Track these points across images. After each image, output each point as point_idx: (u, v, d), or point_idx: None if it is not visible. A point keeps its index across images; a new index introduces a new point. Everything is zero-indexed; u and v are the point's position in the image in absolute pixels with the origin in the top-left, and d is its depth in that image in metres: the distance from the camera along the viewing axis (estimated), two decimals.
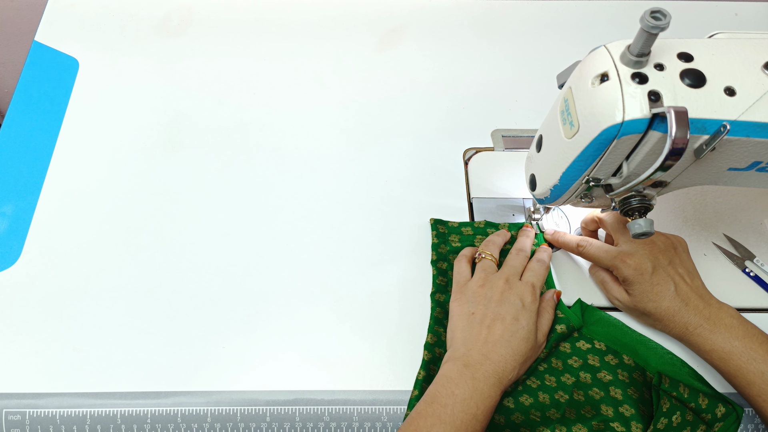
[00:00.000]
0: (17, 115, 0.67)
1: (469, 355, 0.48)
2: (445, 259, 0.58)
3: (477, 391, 0.45)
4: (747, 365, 0.47)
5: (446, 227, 0.60)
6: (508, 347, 0.48)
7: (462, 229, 0.60)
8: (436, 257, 0.58)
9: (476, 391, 0.45)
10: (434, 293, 0.56)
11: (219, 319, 0.54)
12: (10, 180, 0.62)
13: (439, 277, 0.57)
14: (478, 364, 0.47)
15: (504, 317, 0.49)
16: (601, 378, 0.51)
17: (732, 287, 0.57)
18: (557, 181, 0.47)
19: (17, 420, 0.49)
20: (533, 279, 0.53)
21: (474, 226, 0.60)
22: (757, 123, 0.39)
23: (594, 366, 0.52)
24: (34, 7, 1.02)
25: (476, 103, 0.70)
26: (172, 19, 0.75)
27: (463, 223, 0.60)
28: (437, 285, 0.57)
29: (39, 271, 0.56)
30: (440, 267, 0.57)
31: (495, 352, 0.47)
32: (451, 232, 0.60)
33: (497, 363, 0.47)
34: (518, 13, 0.78)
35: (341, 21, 0.76)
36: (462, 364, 0.47)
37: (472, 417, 0.45)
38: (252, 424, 0.50)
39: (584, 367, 0.52)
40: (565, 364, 0.52)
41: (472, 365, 0.47)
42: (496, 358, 0.47)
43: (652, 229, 0.46)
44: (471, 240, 0.59)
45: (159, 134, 0.66)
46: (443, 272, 0.57)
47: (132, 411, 0.50)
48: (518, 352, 0.48)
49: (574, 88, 0.43)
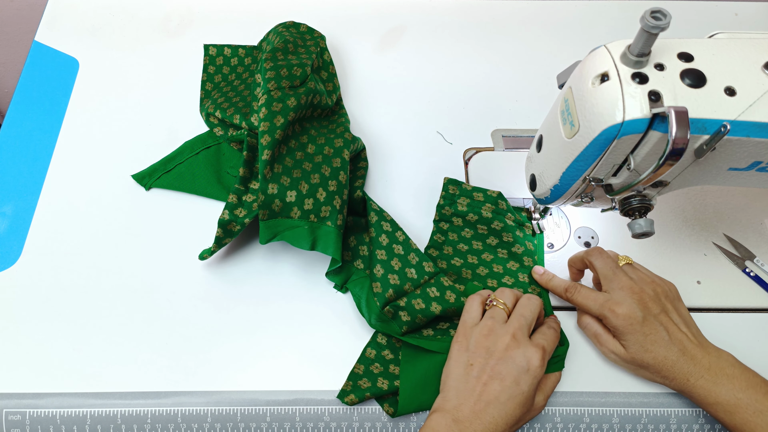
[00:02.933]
0: (17, 115, 0.67)
1: (459, 409, 0.45)
2: (448, 220, 0.60)
3: None
4: (754, 418, 0.45)
5: (458, 188, 0.61)
6: (501, 410, 0.45)
7: (474, 194, 0.60)
8: (438, 218, 0.60)
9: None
10: (428, 248, 0.59)
11: (219, 319, 0.54)
12: (10, 180, 0.62)
13: (437, 234, 0.59)
14: (467, 421, 0.44)
15: (504, 377, 0.46)
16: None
17: (732, 287, 0.57)
18: (557, 181, 0.47)
19: (17, 420, 0.49)
20: (544, 343, 0.49)
21: (486, 193, 0.60)
22: (757, 123, 0.39)
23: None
24: (34, 7, 1.02)
25: (476, 103, 0.70)
26: (172, 19, 0.75)
27: (476, 188, 0.61)
28: (433, 240, 0.59)
29: (39, 271, 0.56)
30: (441, 227, 0.60)
31: (487, 412, 0.45)
32: (462, 194, 0.61)
33: (487, 424, 0.44)
34: (518, 13, 0.78)
35: (341, 21, 0.76)
36: (451, 419, 0.45)
37: None
38: (252, 424, 0.50)
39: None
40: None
41: (462, 422, 0.44)
42: (487, 419, 0.44)
43: (652, 228, 0.46)
44: (479, 207, 0.59)
45: (159, 134, 0.65)
46: (443, 231, 0.59)
47: (132, 411, 0.50)
48: (511, 416, 0.45)
49: (574, 88, 0.43)
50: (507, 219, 0.59)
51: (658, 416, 0.51)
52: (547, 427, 0.51)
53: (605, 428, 0.51)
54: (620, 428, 0.51)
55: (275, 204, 0.54)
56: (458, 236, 0.59)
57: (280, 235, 0.54)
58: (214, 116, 0.65)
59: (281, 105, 0.57)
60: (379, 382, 0.51)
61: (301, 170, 0.56)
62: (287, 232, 0.54)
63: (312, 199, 0.55)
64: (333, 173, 0.56)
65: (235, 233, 0.55)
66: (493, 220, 0.59)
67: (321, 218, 0.54)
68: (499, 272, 0.57)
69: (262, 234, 0.54)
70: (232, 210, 0.56)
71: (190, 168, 0.62)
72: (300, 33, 0.68)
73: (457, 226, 0.60)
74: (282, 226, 0.54)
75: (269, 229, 0.54)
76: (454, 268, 0.58)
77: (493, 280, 0.57)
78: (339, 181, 0.56)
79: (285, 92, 0.58)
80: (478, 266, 0.58)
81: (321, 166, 0.56)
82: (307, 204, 0.54)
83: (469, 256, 0.58)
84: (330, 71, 0.69)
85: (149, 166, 0.62)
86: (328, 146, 0.58)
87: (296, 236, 0.54)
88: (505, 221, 0.59)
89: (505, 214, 0.59)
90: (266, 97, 0.57)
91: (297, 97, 0.58)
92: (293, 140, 0.57)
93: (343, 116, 0.65)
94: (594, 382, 0.52)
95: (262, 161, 0.54)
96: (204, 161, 0.63)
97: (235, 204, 0.56)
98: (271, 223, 0.54)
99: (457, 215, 0.59)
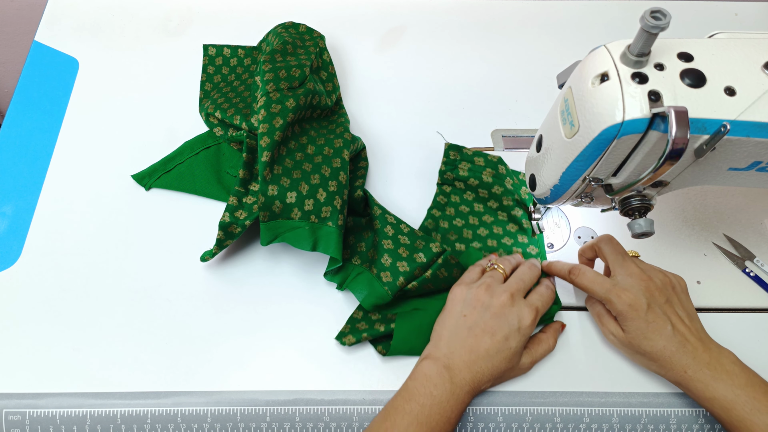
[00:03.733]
0: (17, 115, 0.67)
1: (450, 358, 0.47)
2: (450, 183, 0.62)
3: (454, 395, 0.46)
4: (751, 416, 0.44)
5: (459, 153, 0.63)
6: (489, 363, 0.47)
7: (474, 159, 0.62)
8: (441, 181, 0.62)
9: (453, 395, 0.45)
10: (431, 209, 0.61)
11: (219, 319, 0.54)
12: (10, 180, 0.62)
13: (440, 195, 0.61)
14: (457, 369, 0.47)
15: (495, 333, 0.48)
16: None
17: (732, 287, 0.57)
18: (557, 181, 0.47)
19: (17, 420, 0.49)
20: (538, 303, 0.51)
21: (487, 158, 0.62)
22: (757, 123, 0.39)
23: None
24: (34, 7, 1.02)
25: (476, 103, 0.70)
26: (172, 19, 0.75)
27: (477, 153, 0.62)
28: (435, 202, 0.61)
29: (39, 271, 0.56)
30: (443, 189, 0.62)
31: (476, 364, 0.47)
32: (463, 159, 0.62)
33: (476, 374, 0.47)
34: (518, 13, 0.78)
35: (341, 21, 0.76)
36: (442, 365, 0.47)
37: (446, 420, 0.45)
38: (252, 424, 0.50)
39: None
40: None
41: (452, 369, 0.47)
42: (475, 369, 0.47)
43: (652, 228, 0.46)
44: (480, 171, 0.61)
45: (159, 134, 0.65)
46: (446, 194, 0.61)
47: (132, 411, 0.50)
48: (497, 369, 0.48)
49: (574, 88, 0.43)
50: (506, 183, 0.61)
51: (658, 416, 0.51)
52: (547, 427, 0.51)
53: (605, 428, 0.51)
54: (620, 428, 0.51)
55: (276, 205, 0.54)
56: (460, 198, 0.62)
57: (281, 236, 0.54)
58: (213, 116, 0.65)
59: (280, 106, 0.57)
60: (377, 325, 0.53)
61: (301, 171, 0.56)
62: (288, 233, 0.54)
63: (312, 199, 0.55)
64: (333, 173, 0.56)
65: (236, 235, 0.55)
66: (493, 185, 0.61)
67: (322, 219, 0.54)
68: (498, 233, 0.59)
69: (263, 235, 0.54)
70: (233, 212, 0.56)
71: (190, 168, 0.62)
72: (299, 33, 0.68)
73: (459, 189, 0.62)
74: (283, 228, 0.54)
75: (270, 230, 0.54)
76: (456, 228, 0.60)
77: (493, 240, 0.59)
78: (339, 182, 0.56)
79: (284, 94, 0.58)
80: (479, 227, 0.60)
81: (321, 166, 0.56)
82: (307, 205, 0.54)
83: (471, 218, 0.60)
84: (329, 71, 0.69)
85: (149, 167, 0.62)
86: (328, 147, 0.58)
87: (297, 237, 0.54)
88: (505, 185, 0.61)
89: (505, 178, 0.61)
90: (265, 98, 0.58)
91: (296, 98, 0.58)
92: (293, 141, 0.57)
93: (342, 116, 0.65)
94: (594, 382, 0.52)
95: (261, 163, 0.54)
96: (204, 161, 0.63)
97: (235, 206, 0.56)
98: (271, 224, 0.54)
99: (459, 179, 0.61)
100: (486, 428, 0.51)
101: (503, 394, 0.51)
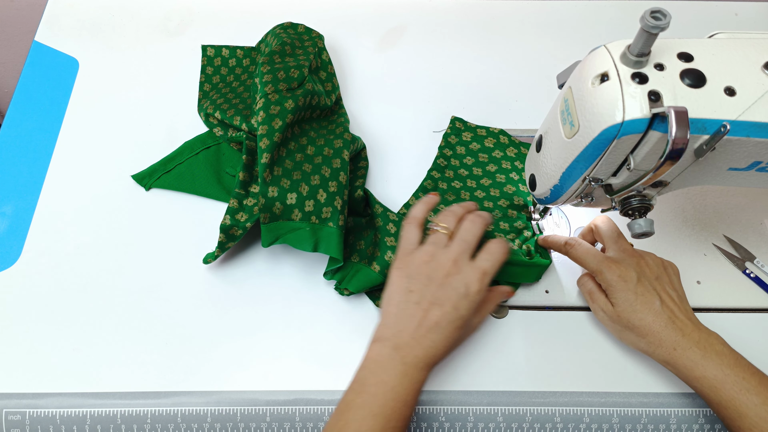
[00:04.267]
0: (17, 115, 0.67)
1: (399, 336, 0.45)
2: (452, 147, 0.65)
3: (407, 376, 0.44)
4: (739, 396, 0.44)
5: (464, 124, 0.67)
6: (441, 334, 0.45)
7: (477, 130, 0.66)
8: (444, 144, 0.65)
9: (406, 376, 0.44)
10: (431, 170, 0.63)
11: (219, 320, 0.54)
12: (10, 180, 0.62)
13: (440, 158, 0.64)
14: (408, 347, 0.45)
15: (443, 303, 0.46)
16: None
17: (732, 288, 0.57)
18: (557, 181, 0.47)
19: (17, 420, 0.49)
20: (487, 265, 0.48)
21: (490, 129, 0.66)
22: (757, 123, 0.39)
23: None
24: (34, 7, 1.02)
25: (476, 103, 0.69)
26: (172, 19, 0.75)
27: (480, 126, 0.67)
28: (435, 164, 0.64)
29: (39, 271, 0.56)
30: (444, 153, 0.64)
31: (427, 337, 0.45)
32: (467, 130, 0.66)
33: (428, 348, 0.45)
34: (518, 13, 0.78)
35: (341, 21, 0.76)
36: (391, 346, 0.45)
37: (403, 404, 0.43)
38: (252, 424, 0.50)
39: None
40: None
41: (402, 348, 0.45)
42: (427, 344, 0.45)
43: (652, 228, 0.46)
44: (482, 140, 0.65)
45: (159, 134, 0.65)
46: (446, 157, 0.64)
47: (132, 411, 0.50)
48: (450, 338, 0.46)
49: (574, 88, 0.43)
50: (508, 152, 0.64)
51: (658, 416, 0.51)
52: (547, 427, 0.51)
53: (605, 428, 0.51)
54: (620, 428, 0.51)
55: (276, 207, 0.54)
56: (460, 162, 0.64)
57: (283, 237, 0.54)
58: (213, 116, 0.65)
59: (279, 108, 0.57)
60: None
61: (301, 172, 0.56)
62: (289, 234, 0.54)
63: (313, 200, 0.55)
64: (333, 174, 0.56)
65: (238, 237, 0.55)
66: (494, 150, 0.65)
67: (323, 219, 0.54)
68: (495, 195, 0.61)
69: (264, 237, 0.54)
70: (234, 214, 0.56)
71: (189, 168, 0.62)
72: (298, 34, 0.68)
73: (459, 154, 0.65)
74: (284, 229, 0.54)
75: (271, 232, 0.54)
76: (454, 189, 0.62)
77: (489, 202, 0.61)
78: (339, 182, 0.56)
79: (282, 95, 0.58)
80: (476, 189, 0.62)
81: (321, 167, 0.56)
82: (308, 206, 0.54)
83: (468, 180, 0.63)
84: (329, 71, 0.69)
85: (149, 167, 0.62)
86: (328, 147, 0.58)
87: (298, 238, 0.54)
88: (505, 152, 0.64)
89: (507, 147, 0.65)
90: (264, 100, 0.58)
91: (294, 99, 0.58)
92: (293, 142, 0.58)
93: (342, 116, 0.65)
94: (594, 382, 0.52)
95: (261, 164, 0.54)
96: (204, 161, 0.63)
97: (236, 208, 0.56)
98: (272, 226, 0.54)
99: (461, 144, 0.65)
100: (486, 428, 0.51)
101: (503, 394, 0.51)
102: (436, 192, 0.59)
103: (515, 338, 0.54)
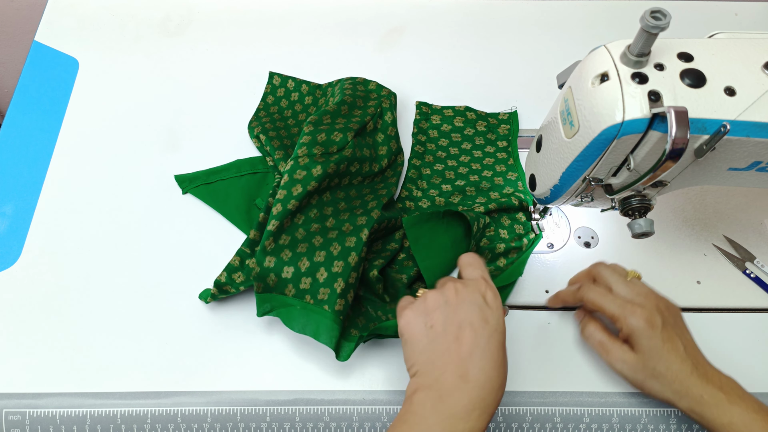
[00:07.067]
0: (17, 115, 0.67)
1: (442, 380, 0.39)
2: (425, 132, 0.66)
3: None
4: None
5: (429, 108, 0.68)
6: (486, 357, 0.40)
7: (444, 111, 0.68)
8: (416, 131, 0.66)
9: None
10: (411, 159, 0.64)
11: (219, 319, 0.54)
12: (10, 180, 0.62)
13: (417, 145, 0.65)
14: (455, 390, 0.39)
15: (471, 321, 0.41)
16: None
17: (732, 288, 0.57)
18: (557, 181, 0.47)
19: (17, 420, 0.49)
20: (477, 273, 0.45)
21: (455, 108, 0.68)
22: (757, 123, 0.39)
23: None
24: (34, 7, 1.02)
25: (476, 104, 0.70)
26: (172, 19, 0.75)
27: (445, 106, 0.68)
28: (414, 152, 0.65)
29: (39, 271, 0.56)
30: (419, 139, 0.66)
31: (473, 366, 0.39)
32: (434, 113, 0.68)
33: (478, 382, 0.39)
34: (518, 13, 0.78)
35: (341, 21, 0.76)
36: (436, 395, 0.39)
37: None
38: (252, 424, 0.50)
39: None
40: None
41: (448, 395, 0.39)
42: (475, 375, 0.39)
43: (652, 228, 0.46)
44: (451, 121, 0.67)
45: (159, 134, 0.65)
46: (422, 143, 0.66)
47: (132, 411, 0.50)
48: (499, 363, 0.40)
49: (574, 88, 0.43)
50: (478, 126, 0.67)
51: (657, 416, 0.51)
52: (547, 427, 0.51)
53: (605, 428, 0.51)
54: (620, 428, 0.51)
55: (270, 278, 0.51)
56: (436, 146, 0.66)
57: (276, 310, 0.51)
58: (257, 138, 0.63)
59: (305, 173, 0.55)
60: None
61: (309, 245, 0.52)
62: (281, 309, 0.51)
63: (310, 278, 0.51)
64: (342, 253, 0.51)
65: (231, 293, 0.54)
66: (464, 128, 0.67)
67: (318, 300, 0.50)
68: (477, 169, 0.64)
69: (258, 306, 0.51)
70: (231, 273, 0.54)
71: (227, 188, 0.61)
72: (366, 91, 0.66)
73: (433, 137, 0.66)
74: (276, 302, 0.51)
75: (264, 301, 0.51)
76: (438, 172, 0.64)
77: (474, 175, 0.63)
78: (347, 263, 0.51)
79: (313, 160, 0.56)
80: (459, 167, 0.64)
81: (332, 243, 0.52)
82: (303, 283, 0.51)
83: (449, 161, 0.65)
84: (388, 133, 0.63)
85: (194, 172, 0.62)
86: (350, 222, 0.54)
87: (289, 315, 0.50)
88: (476, 128, 0.67)
89: (476, 122, 0.67)
90: (293, 163, 0.56)
91: (325, 166, 0.55)
92: (315, 210, 0.55)
93: (387, 186, 0.60)
94: (594, 382, 0.52)
95: (266, 231, 0.52)
96: (243, 186, 0.61)
97: (235, 267, 0.54)
98: (266, 296, 0.51)
99: (433, 128, 0.67)
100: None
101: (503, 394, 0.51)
102: None
103: (515, 338, 0.54)
